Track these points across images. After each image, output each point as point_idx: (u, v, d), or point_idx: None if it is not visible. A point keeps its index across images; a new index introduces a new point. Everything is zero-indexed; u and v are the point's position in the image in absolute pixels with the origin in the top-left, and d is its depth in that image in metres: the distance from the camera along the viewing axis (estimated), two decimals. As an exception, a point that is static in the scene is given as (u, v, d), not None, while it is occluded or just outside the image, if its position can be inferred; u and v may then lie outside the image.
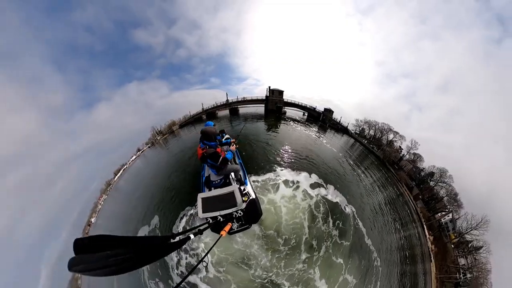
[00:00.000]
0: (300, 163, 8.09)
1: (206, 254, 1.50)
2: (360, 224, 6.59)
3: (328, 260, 5.51)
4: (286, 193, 6.37)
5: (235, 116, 31.22)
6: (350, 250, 6.02)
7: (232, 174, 2.90)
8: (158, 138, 29.04)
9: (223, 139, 4.61)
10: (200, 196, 2.10)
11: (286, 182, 6.48)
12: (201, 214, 1.98)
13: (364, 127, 37.23)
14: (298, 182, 6.67)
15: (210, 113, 36.90)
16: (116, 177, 22.24)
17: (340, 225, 5.77)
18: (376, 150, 29.59)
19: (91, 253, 0.72)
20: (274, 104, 35.66)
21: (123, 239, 0.74)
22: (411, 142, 29.90)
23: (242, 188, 2.69)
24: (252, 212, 2.31)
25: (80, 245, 0.76)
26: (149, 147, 27.52)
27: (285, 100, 36.67)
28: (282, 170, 6.93)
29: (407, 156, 29.49)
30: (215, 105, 36.52)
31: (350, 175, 10.78)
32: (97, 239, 0.72)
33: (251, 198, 2.52)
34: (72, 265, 0.74)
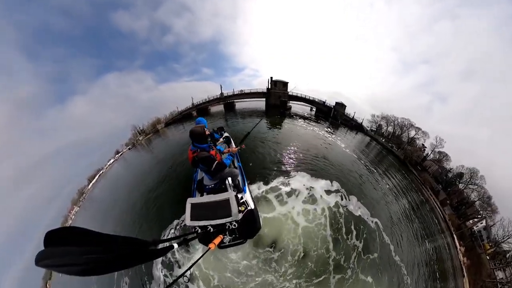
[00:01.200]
0: (311, 168, 8.34)
1: (189, 268, 1.52)
2: (386, 237, 6.74)
3: (357, 280, 5.52)
4: (296, 204, 6.44)
5: (231, 113, 31.90)
6: (378, 267, 6.10)
7: (229, 179, 2.93)
8: (140, 138, 29.33)
9: (221, 138, 4.63)
10: (190, 201, 2.11)
11: (296, 192, 6.55)
12: (188, 222, 1.98)
13: (381, 123, 38.18)
14: (311, 190, 6.74)
15: (201, 109, 37.32)
16: (91, 184, 22.23)
17: (364, 239, 5.83)
18: (395, 149, 30.31)
19: (63, 246, 0.70)
20: (277, 98, 36.49)
21: (101, 236, 0.73)
22: (436, 139, 30.50)
23: (239, 196, 2.70)
24: (249, 225, 2.34)
25: (52, 237, 0.73)
26: (129, 149, 27.80)
27: (289, 93, 37.56)
28: (289, 176, 6.77)
29: (432, 155, 30.10)
30: (207, 100, 36.99)
31: (367, 179, 11.05)
32: (72, 232, 0.70)
33: (249, 208, 2.49)
34: (40, 259, 0.71)
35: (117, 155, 26.78)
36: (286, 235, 4.97)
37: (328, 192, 7.13)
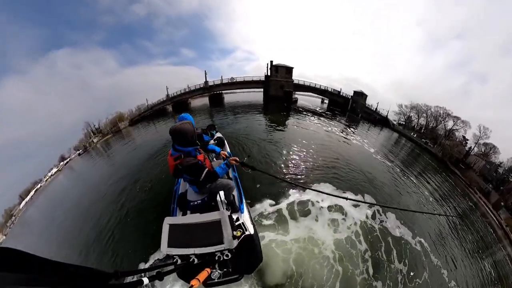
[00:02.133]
0: (332, 177, 8.38)
1: None
2: (433, 258, 6.75)
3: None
4: (319, 225, 6.29)
5: (218, 108, 31.96)
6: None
7: (221, 193, 2.97)
8: (95, 140, 28.78)
9: (212, 140, 4.62)
10: (168, 221, 2.12)
11: (317, 208, 6.50)
12: (164, 249, 1.96)
13: (411, 114, 39.71)
14: (336, 206, 6.57)
15: (179, 102, 37.99)
16: (24, 203, 21.22)
17: (409, 262, 5.80)
18: (431, 145, 31.21)
19: None
20: (279, 88, 37.77)
21: (45, 262, 0.71)
22: (479, 128, 31.20)
23: (234, 216, 2.79)
24: (247, 256, 2.34)
25: None
26: (79, 154, 27.12)
27: (295, 81, 38.08)
28: (305, 190, 6.90)
29: (476, 148, 30.84)
30: (187, 90, 37.41)
31: (400, 187, 10.79)
32: (9, 254, 0.67)
33: (247, 233, 2.54)
34: None
35: (62, 163, 25.98)
36: (311, 267, 4.85)
37: (358, 207, 6.83)
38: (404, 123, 39.69)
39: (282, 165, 8.79)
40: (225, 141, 5.33)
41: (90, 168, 20.15)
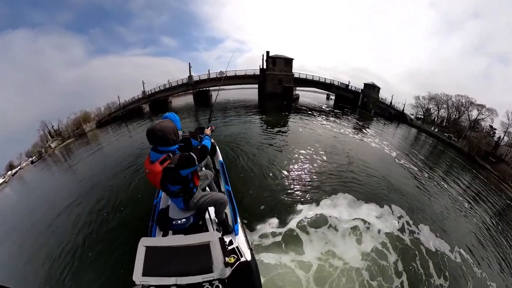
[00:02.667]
0: (349, 187, 8.37)
1: None
2: (475, 269, 6.67)
3: None
4: (340, 242, 5.98)
5: (204, 108, 32.00)
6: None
7: (211, 210, 3.05)
8: (53, 145, 28.02)
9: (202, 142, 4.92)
10: (144, 243, 2.12)
11: (335, 223, 6.37)
12: (138, 278, 1.97)
13: (430, 106, 41.25)
14: (357, 220, 6.58)
15: (157, 101, 38.13)
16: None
17: (450, 276, 5.92)
18: (455, 140, 32.27)
19: None
20: (278, 84, 38.14)
21: None
22: (507, 115, 32.16)
23: (227, 239, 2.80)
24: (243, 287, 2.38)
25: None
26: (32, 162, 26.30)
27: (295, 75, 38.28)
28: (318, 201, 6.98)
29: (506, 138, 31.89)
30: (168, 86, 37.37)
31: (427, 191, 10.88)
32: None
33: (242, 260, 2.56)
34: None
35: (9, 172, 25.05)
36: (337, 284, 4.85)
37: (383, 218, 6.83)
38: (422, 116, 40.97)
39: (288, 175, 8.73)
40: (217, 147, 5.37)
41: (45, 180, 19.19)
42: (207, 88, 42.10)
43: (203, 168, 4.04)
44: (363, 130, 22.53)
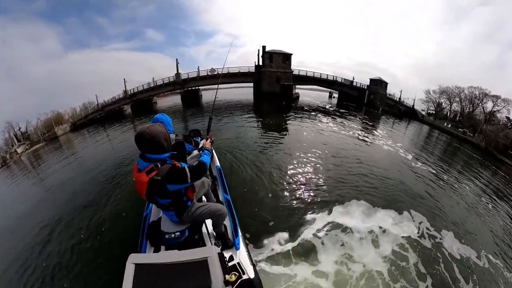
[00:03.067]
0: (361, 192, 8.56)
1: None
2: (506, 273, 6.85)
3: None
4: (358, 252, 6.04)
5: (193, 109, 32.10)
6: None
7: (209, 222, 3.10)
8: (19, 150, 27.41)
9: (196, 150, 4.91)
10: (133, 259, 2.15)
11: (351, 232, 6.53)
12: None
13: (441, 100, 42.82)
14: (373, 227, 6.73)
15: (140, 101, 38.30)
16: None
17: (480, 284, 6.03)
18: (470, 134, 33.26)
19: None
20: (275, 82, 38.61)
21: None
22: None
23: (227, 255, 2.85)
24: None
25: None
26: None
27: (294, 72, 38.71)
28: (331, 208, 7.11)
29: None
30: (153, 85, 37.55)
31: (446, 193, 11.08)
32: None
33: (245, 278, 2.62)
34: None
35: None
36: None
37: (401, 224, 7.00)
38: (434, 112, 42.35)
39: (294, 182, 8.83)
40: (214, 152, 5.39)
41: (8, 192, 18.43)
42: (197, 88, 42.54)
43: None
44: (372, 130, 22.71)
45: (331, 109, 32.48)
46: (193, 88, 41.21)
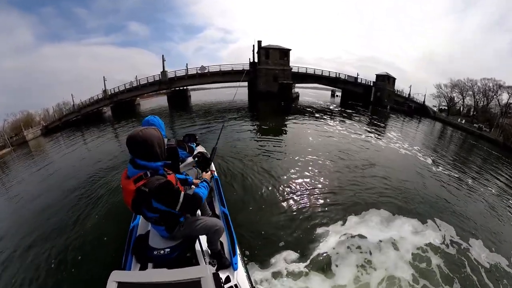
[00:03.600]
0: (375, 200, 8.38)
1: None
2: None
3: None
4: (371, 246, 6.17)
5: (181, 112, 31.99)
6: None
7: (203, 239, 3.14)
8: None
9: (190, 157, 5.02)
10: (116, 277, 2.14)
11: (371, 246, 6.30)
12: None
13: (453, 95, 44.05)
14: (393, 237, 6.66)
15: (122, 103, 38.41)
16: None
17: None
18: (486, 129, 33.84)
19: None
20: (272, 80, 38.80)
21: None
22: None
23: (223, 275, 2.90)
24: None
25: None
26: None
27: (293, 69, 38.92)
28: (341, 223, 6.88)
29: None
30: (137, 84, 37.69)
31: (468, 193, 11.24)
32: None
33: None
34: None
35: None
36: None
37: (428, 235, 6.83)
38: (447, 107, 43.54)
39: (301, 191, 8.66)
40: (212, 158, 5.42)
41: None
42: (185, 87, 42.68)
43: (193, 187, 4.07)
44: (381, 130, 22.92)
45: (336, 109, 32.62)
46: (181, 88, 41.37)
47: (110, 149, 15.07)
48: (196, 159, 5.09)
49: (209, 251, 3.08)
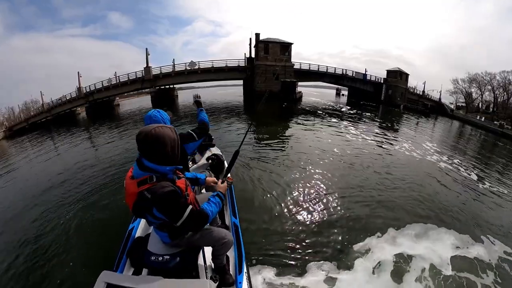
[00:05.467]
0: (403, 213, 8.34)
1: None
2: None
3: None
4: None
5: (168, 112, 30.10)
6: None
7: (207, 250, 3.13)
8: None
9: (203, 158, 5.43)
10: (106, 277, 2.25)
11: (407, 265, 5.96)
12: None
13: (471, 90, 45.19)
14: (432, 256, 6.27)
15: (99, 103, 38.92)
16: None
17: None
18: (508, 127, 34.60)
19: None
20: (272, 78, 38.42)
21: None
22: None
23: None
24: None
25: None
26: None
27: (296, 66, 38.93)
28: (361, 242, 6.66)
29: None
30: (116, 82, 37.87)
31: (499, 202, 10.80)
32: None
33: None
34: None
35: None
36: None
37: (473, 252, 6.77)
38: (465, 104, 44.74)
39: (320, 204, 8.44)
40: (225, 163, 5.64)
41: None
42: (172, 86, 42.22)
43: (203, 191, 4.28)
44: (399, 133, 23.12)
45: (348, 110, 32.51)
46: (167, 86, 40.68)
47: (84, 156, 14.71)
48: (210, 161, 5.27)
49: (213, 264, 3.14)
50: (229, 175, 3.45)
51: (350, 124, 23.14)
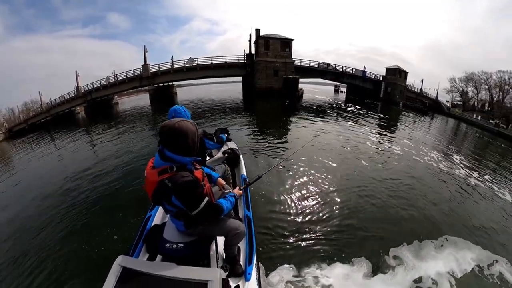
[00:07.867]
0: (436, 223, 7.94)
1: None
2: None
3: None
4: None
5: (167, 112, 29.92)
6: None
7: (220, 240, 3.28)
8: None
9: (219, 152, 5.62)
10: (122, 261, 2.36)
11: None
12: None
13: (468, 89, 47.00)
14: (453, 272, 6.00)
15: (98, 102, 39.03)
16: None
17: None
18: (503, 126, 36.10)
19: None
20: (273, 75, 39.01)
21: None
22: None
23: (233, 283, 2.97)
24: None
25: None
26: None
27: (296, 62, 39.77)
28: (387, 256, 6.14)
29: None
30: (115, 80, 37.93)
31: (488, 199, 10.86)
32: None
33: None
34: None
35: None
36: None
37: (492, 270, 6.22)
38: (461, 102, 46.40)
39: (339, 206, 8.23)
40: (241, 157, 5.77)
41: None
42: (170, 83, 42.40)
43: (217, 187, 4.29)
44: (406, 131, 22.74)
45: (353, 108, 31.89)
46: (166, 84, 40.82)
47: (86, 156, 14.87)
48: (226, 155, 5.53)
49: (224, 254, 3.23)
50: (241, 187, 3.65)
51: (365, 125, 22.20)
